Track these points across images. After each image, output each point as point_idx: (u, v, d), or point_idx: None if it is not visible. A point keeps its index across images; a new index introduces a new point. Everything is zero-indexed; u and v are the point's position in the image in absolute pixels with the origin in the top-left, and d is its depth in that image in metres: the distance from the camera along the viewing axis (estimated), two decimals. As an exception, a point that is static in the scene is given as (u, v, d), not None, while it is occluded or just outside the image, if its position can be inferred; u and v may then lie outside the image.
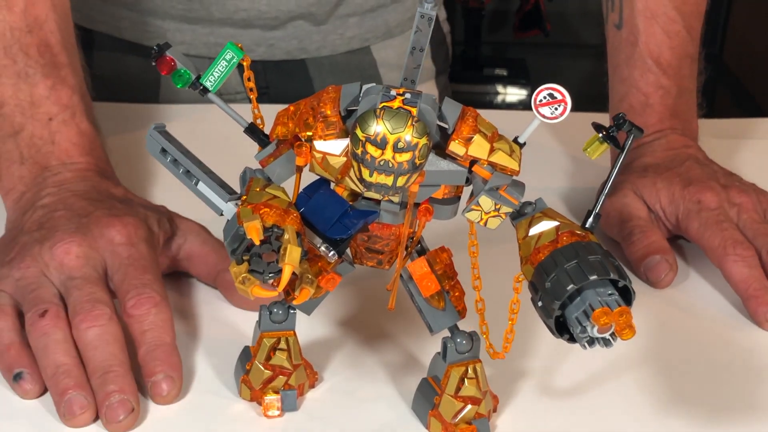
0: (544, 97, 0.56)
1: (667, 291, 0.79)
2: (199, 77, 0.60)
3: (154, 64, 0.60)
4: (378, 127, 0.53)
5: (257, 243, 0.54)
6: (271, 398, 0.63)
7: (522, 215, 0.58)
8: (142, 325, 0.65)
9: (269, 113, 0.61)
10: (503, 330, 0.60)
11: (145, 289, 0.67)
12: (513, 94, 2.87)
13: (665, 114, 0.90)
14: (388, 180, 0.55)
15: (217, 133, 0.83)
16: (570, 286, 0.54)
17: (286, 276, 0.54)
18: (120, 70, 1.08)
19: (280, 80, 1.10)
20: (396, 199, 0.58)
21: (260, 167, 0.60)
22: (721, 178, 0.85)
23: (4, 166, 0.78)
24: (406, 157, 0.54)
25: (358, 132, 0.54)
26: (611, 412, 0.66)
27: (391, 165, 0.54)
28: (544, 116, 0.56)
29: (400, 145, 0.54)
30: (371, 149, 0.54)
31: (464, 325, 0.62)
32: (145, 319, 0.65)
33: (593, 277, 0.54)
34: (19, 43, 0.77)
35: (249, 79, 0.61)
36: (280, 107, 0.60)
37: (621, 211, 0.84)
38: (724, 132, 1.05)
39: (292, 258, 0.54)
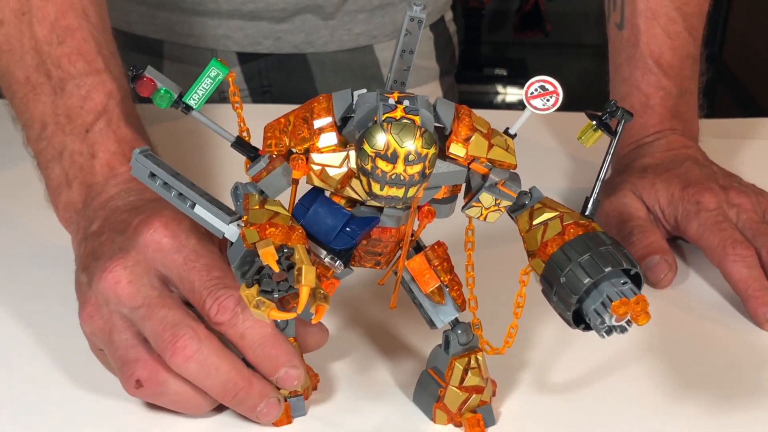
0: (536, 89, 0.57)
1: (666, 291, 0.79)
2: (181, 95, 0.57)
3: (132, 86, 0.57)
4: (387, 142, 0.53)
5: (276, 269, 0.53)
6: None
7: (521, 207, 0.59)
8: (236, 330, 0.61)
9: (271, 113, 0.61)
10: (501, 324, 0.60)
11: (220, 291, 0.61)
12: (513, 93, 2.88)
13: (666, 115, 0.90)
14: (399, 192, 0.54)
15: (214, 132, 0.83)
16: (587, 280, 0.55)
17: (304, 297, 0.53)
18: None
19: (282, 78, 1.10)
20: (400, 204, 0.57)
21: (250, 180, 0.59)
22: (720, 179, 0.85)
23: (56, 193, 0.74)
24: (417, 168, 0.53)
25: (367, 147, 0.53)
26: (612, 410, 0.66)
27: (402, 178, 0.53)
28: (535, 108, 0.57)
29: (411, 158, 0.53)
30: (382, 164, 0.53)
31: (464, 318, 0.62)
32: (235, 322, 0.61)
33: (608, 270, 0.56)
34: (50, 56, 0.74)
35: (234, 94, 0.59)
36: (283, 107, 0.59)
37: (620, 212, 0.84)
38: (724, 132, 1.05)
39: (308, 279, 0.53)
